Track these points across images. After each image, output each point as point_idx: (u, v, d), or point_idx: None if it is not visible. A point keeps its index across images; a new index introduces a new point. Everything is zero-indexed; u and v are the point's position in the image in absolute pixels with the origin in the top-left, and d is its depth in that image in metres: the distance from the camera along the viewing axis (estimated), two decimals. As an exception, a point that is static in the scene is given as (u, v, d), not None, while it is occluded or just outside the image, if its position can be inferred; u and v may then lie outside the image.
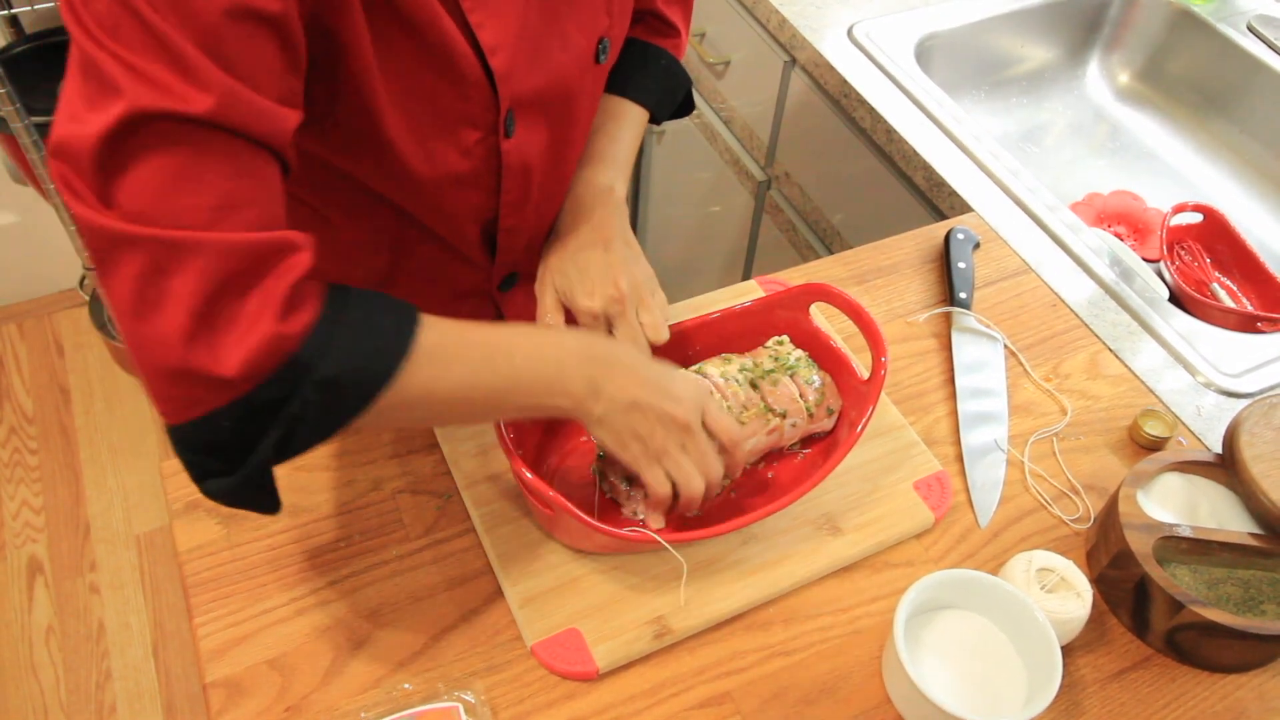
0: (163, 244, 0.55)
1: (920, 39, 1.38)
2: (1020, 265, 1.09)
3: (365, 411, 0.61)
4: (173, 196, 0.55)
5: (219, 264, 0.55)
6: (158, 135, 0.55)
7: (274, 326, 0.57)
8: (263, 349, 0.56)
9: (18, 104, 1.43)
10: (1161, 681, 0.78)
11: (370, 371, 0.61)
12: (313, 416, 0.59)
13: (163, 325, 0.55)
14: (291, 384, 0.58)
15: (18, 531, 1.97)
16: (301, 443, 0.60)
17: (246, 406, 0.58)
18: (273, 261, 0.58)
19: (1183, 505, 0.84)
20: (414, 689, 0.73)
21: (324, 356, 0.59)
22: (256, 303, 0.57)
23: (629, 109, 0.93)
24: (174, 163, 0.55)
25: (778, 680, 0.75)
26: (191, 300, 0.55)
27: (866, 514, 0.84)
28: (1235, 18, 1.42)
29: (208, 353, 0.56)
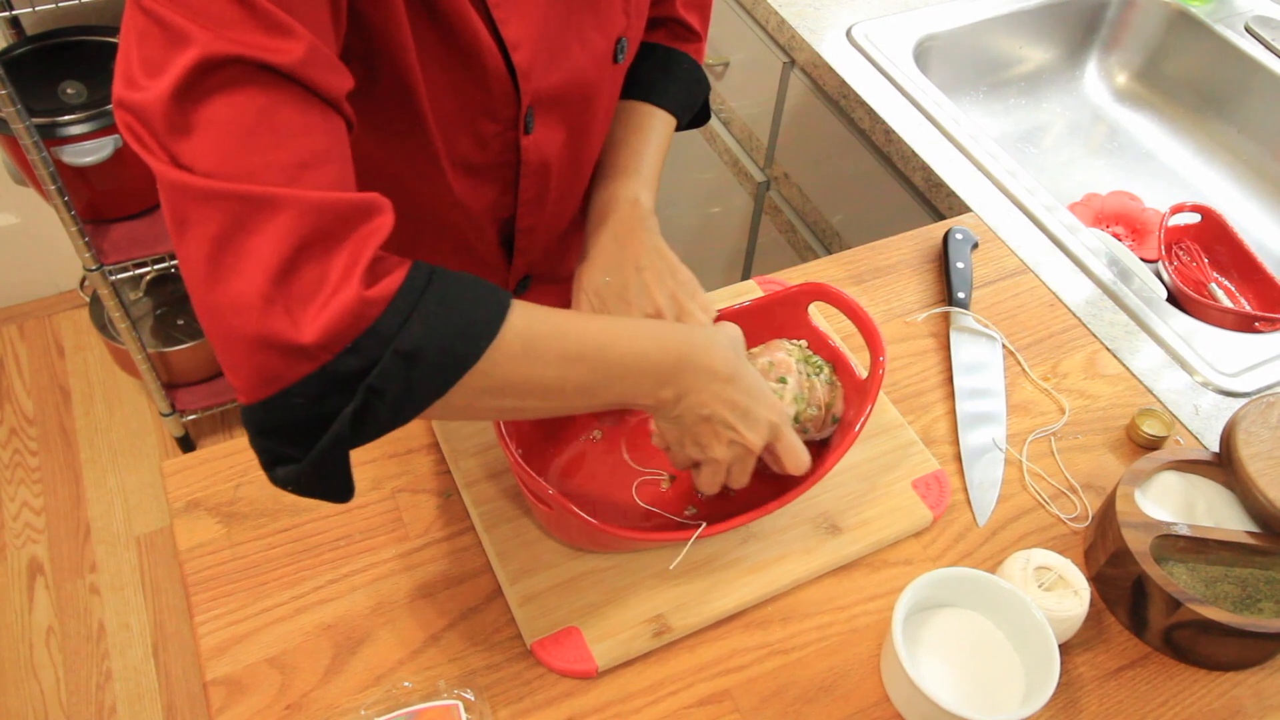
0: (244, 200, 0.52)
1: (919, 40, 1.38)
2: (1018, 265, 1.09)
3: (449, 391, 0.58)
4: (250, 151, 0.53)
5: (302, 223, 0.53)
6: (231, 84, 0.52)
7: (358, 291, 0.53)
8: (345, 314, 0.53)
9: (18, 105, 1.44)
10: (1159, 679, 0.78)
11: (457, 348, 0.57)
12: (393, 391, 0.56)
13: (239, 288, 0.52)
14: (373, 354, 0.54)
15: (18, 532, 1.97)
16: (380, 421, 0.57)
17: (324, 379, 0.54)
18: (356, 223, 0.55)
19: (1180, 504, 0.84)
20: (414, 687, 0.73)
21: (408, 327, 0.55)
22: (341, 266, 0.54)
23: (654, 115, 0.92)
24: (249, 115, 0.53)
25: (776, 678, 0.76)
26: (272, 261, 0.52)
27: (865, 512, 0.84)
28: (1233, 19, 1.43)
29: (286, 318, 0.52)
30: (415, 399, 0.57)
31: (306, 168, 0.54)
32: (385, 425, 0.57)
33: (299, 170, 0.54)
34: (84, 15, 1.83)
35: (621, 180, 0.87)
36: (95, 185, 1.72)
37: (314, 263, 0.53)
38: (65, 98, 1.66)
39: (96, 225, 1.79)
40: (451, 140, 0.75)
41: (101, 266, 1.71)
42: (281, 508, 0.83)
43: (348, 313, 0.53)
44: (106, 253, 1.75)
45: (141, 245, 1.77)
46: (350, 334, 0.54)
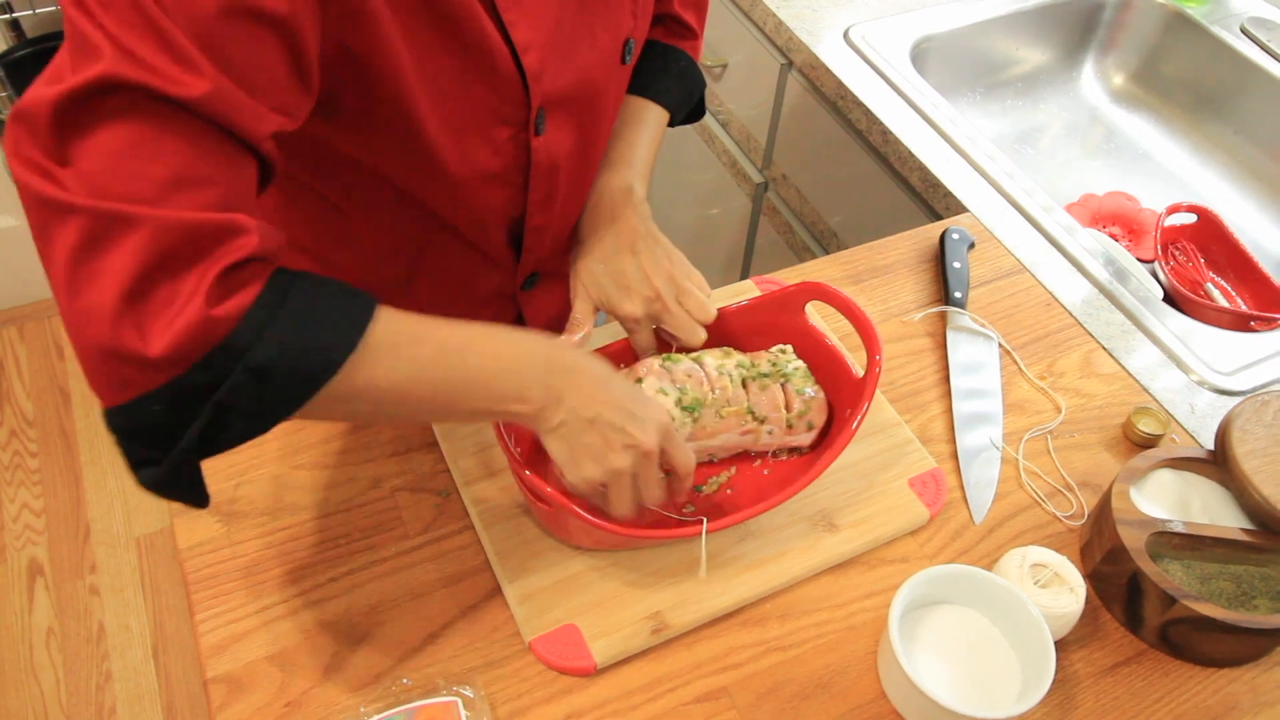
0: (101, 216, 0.53)
1: (916, 41, 1.39)
2: (1015, 265, 1.10)
3: (304, 404, 0.59)
4: (124, 165, 0.53)
5: (156, 241, 0.53)
6: (127, 104, 0.53)
7: (203, 310, 0.54)
8: (190, 331, 0.54)
9: (19, 107, 1.44)
10: (1154, 676, 0.78)
11: (311, 364, 0.58)
12: (245, 406, 0.57)
13: (94, 301, 0.53)
14: (222, 370, 0.55)
15: (18, 534, 1.98)
16: (235, 433, 0.58)
17: (176, 391, 0.55)
18: (213, 243, 0.55)
19: (1175, 501, 0.84)
20: (413, 684, 0.73)
21: (258, 343, 0.56)
22: (189, 285, 0.54)
23: (649, 109, 0.93)
24: (136, 132, 0.53)
25: (774, 675, 0.76)
26: (123, 276, 0.53)
27: (862, 510, 0.84)
28: (1228, 20, 1.43)
29: (135, 332, 0.53)
30: (267, 413, 0.58)
31: (180, 186, 0.54)
32: (238, 438, 0.58)
33: (170, 189, 0.54)
34: (84, 18, 1.83)
35: (614, 170, 0.89)
36: (95, 187, 1.72)
37: (165, 280, 0.54)
38: (65, 100, 1.66)
39: (96, 227, 1.79)
40: (465, 149, 0.75)
41: (101, 268, 1.71)
42: (281, 507, 0.83)
43: (193, 329, 0.54)
44: (106, 254, 1.75)
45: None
46: (197, 350, 0.55)
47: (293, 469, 0.86)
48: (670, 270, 0.85)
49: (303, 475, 0.85)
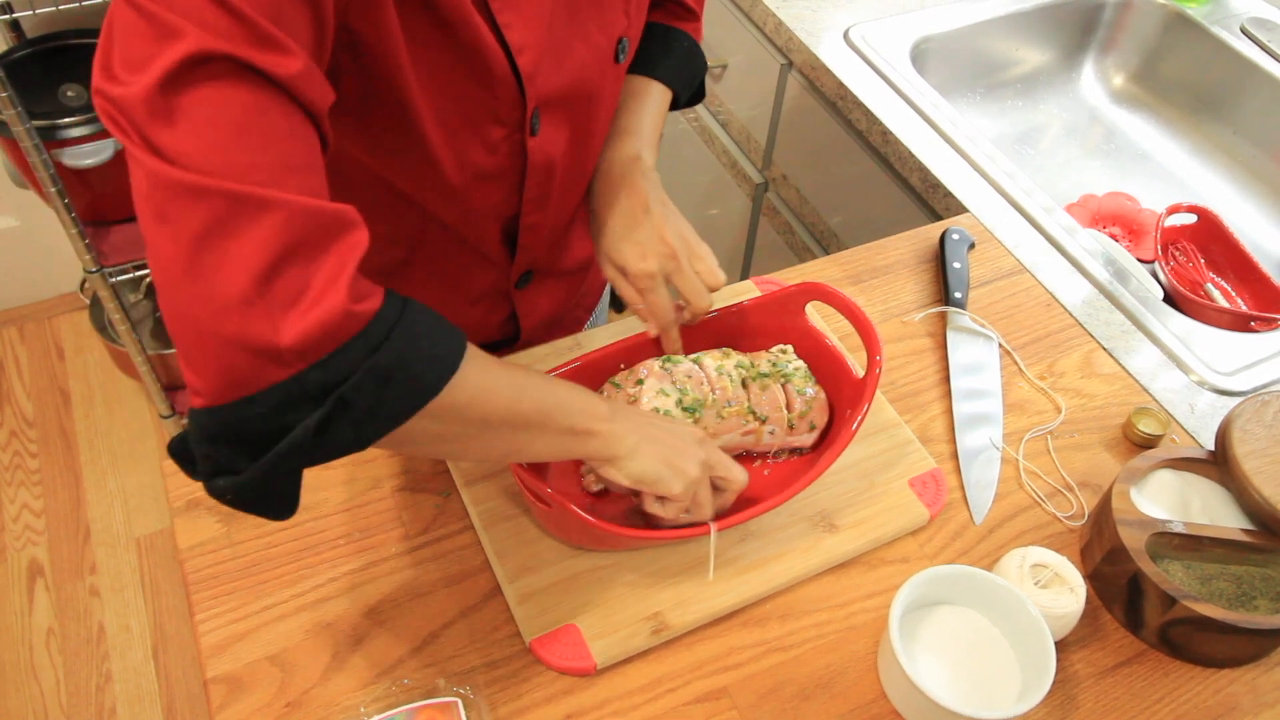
0: (234, 198, 0.51)
1: (916, 42, 1.39)
2: (1015, 265, 1.10)
3: (412, 415, 0.58)
4: (239, 149, 0.51)
5: (290, 226, 0.52)
6: (221, 78, 0.51)
7: (344, 302, 0.53)
8: (328, 323, 0.52)
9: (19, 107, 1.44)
10: (1155, 676, 0.78)
11: (426, 374, 0.58)
12: (361, 407, 0.55)
13: (219, 287, 0.51)
14: (348, 368, 0.54)
15: (18, 534, 1.98)
16: (341, 438, 0.55)
17: (293, 387, 0.53)
18: (340, 233, 0.55)
19: (1175, 502, 0.84)
20: (413, 684, 0.73)
21: (387, 345, 0.55)
22: (325, 274, 0.53)
23: (652, 86, 0.93)
24: (239, 111, 0.52)
25: (774, 675, 0.76)
26: (256, 262, 0.51)
27: (862, 511, 0.84)
28: (1228, 20, 1.43)
29: (266, 320, 0.51)
30: (380, 418, 0.57)
31: (292, 172, 0.53)
32: (345, 443, 0.56)
33: (284, 173, 0.53)
34: (84, 18, 1.84)
35: (622, 140, 0.89)
36: (95, 187, 1.72)
37: (298, 268, 0.52)
38: (65, 100, 1.67)
39: (96, 227, 1.79)
40: (459, 149, 0.75)
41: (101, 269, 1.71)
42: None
43: (331, 322, 0.53)
44: (106, 255, 1.75)
45: (141, 247, 1.78)
46: (329, 344, 0.53)
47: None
48: (681, 229, 0.85)
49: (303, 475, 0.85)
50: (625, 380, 0.83)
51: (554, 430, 0.69)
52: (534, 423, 0.67)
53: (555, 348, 0.96)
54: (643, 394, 0.81)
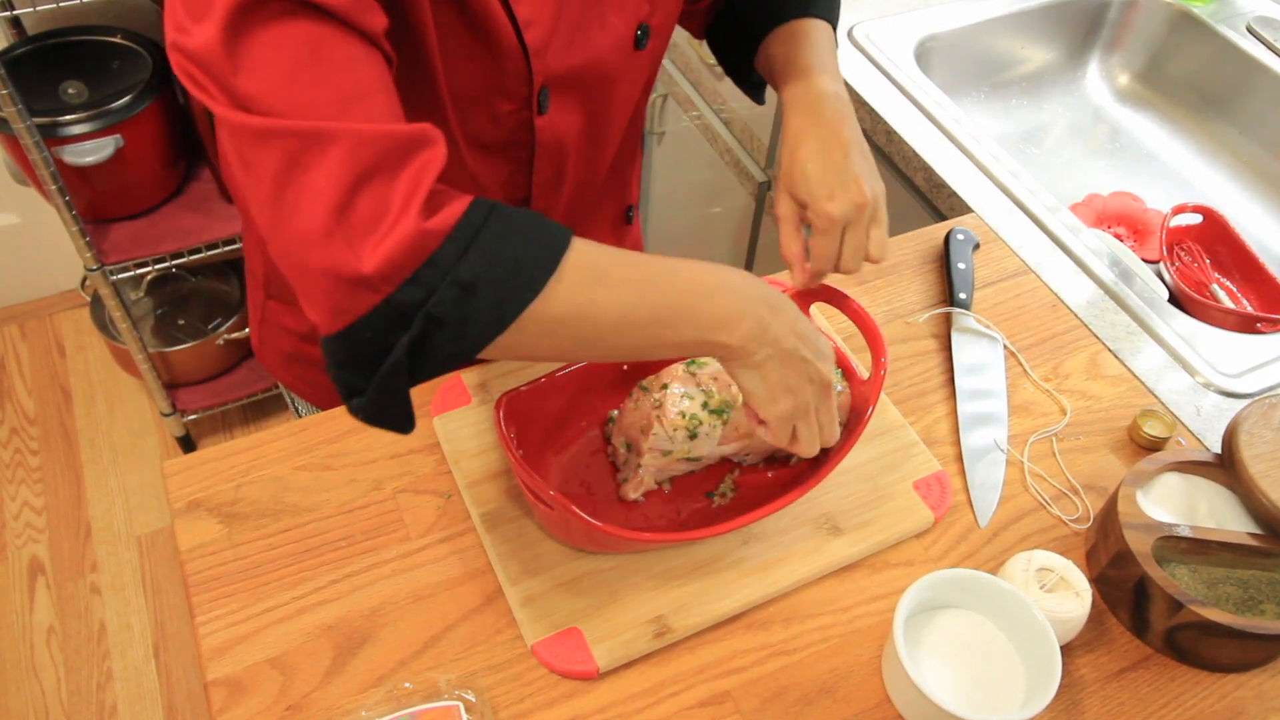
0: (297, 135, 0.53)
1: (920, 40, 1.38)
2: (1020, 266, 1.09)
3: (509, 324, 0.58)
4: (299, 86, 0.54)
5: (356, 155, 0.54)
6: (276, 19, 0.53)
7: (416, 222, 0.54)
8: (404, 245, 0.54)
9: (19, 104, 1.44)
10: (1161, 681, 0.78)
11: (516, 280, 0.58)
12: (452, 322, 0.57)
13: (302, 223, 0.54)
14: (431, 284, 0.55)
15: (19, 532, 1.97)
16: (439, 352, 0.58)
17: (387, 310, 0.56)
18: (411, 154, 0.56)
19: (1182, 505, 0.84)
20: (415, 688, 0.73)
21: (467, 258, 0.56)
22: (399, 197, 0.55)
23: (815, 25, 0.88)
24: (297, 49, 0.54)
25: (777, 679, 0.75)
26: (329, 194, 0.54)
27: (866, 514, 0.84)
28: (1234, 19, 1.43)
29: (348, 250, 0.54)
30: (474, 331, 0.58)
31: (354, 100, 0.55)
32: (446, 357, 0.58)
33: (347, 104, 0.55)
34: (85, 15, 1.83)
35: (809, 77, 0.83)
36: (96, 185, 1.72)
37: (371, 194, 0.54)
38: (66, 97, 1.66)
39: (97, 225, 1.79)
40: (466, 116, 0.75)
41: (102, 266, 1.71)
42: (283, 508, 0.83)
43: (407, 243, 0.54)
44: (107, 252, 1.75)
45: (142, 245, 1.77)
46: (410, 264, 0.55)
47: (294, 470, 0.85)
48: (876, 189, 0.79)
49: (304, 477, 0.85)
50: (652, 384, 0.83)
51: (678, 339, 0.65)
52: (654, 328, 0.64)
53: (558, 348, 0.95)
54: (668, 398, 0.80)
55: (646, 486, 0.83)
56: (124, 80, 1.70)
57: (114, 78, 1.70)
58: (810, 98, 0.82)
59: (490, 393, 0.90)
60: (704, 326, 0.65)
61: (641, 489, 0.83)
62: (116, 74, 1.71)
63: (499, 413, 0.77)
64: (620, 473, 0.84)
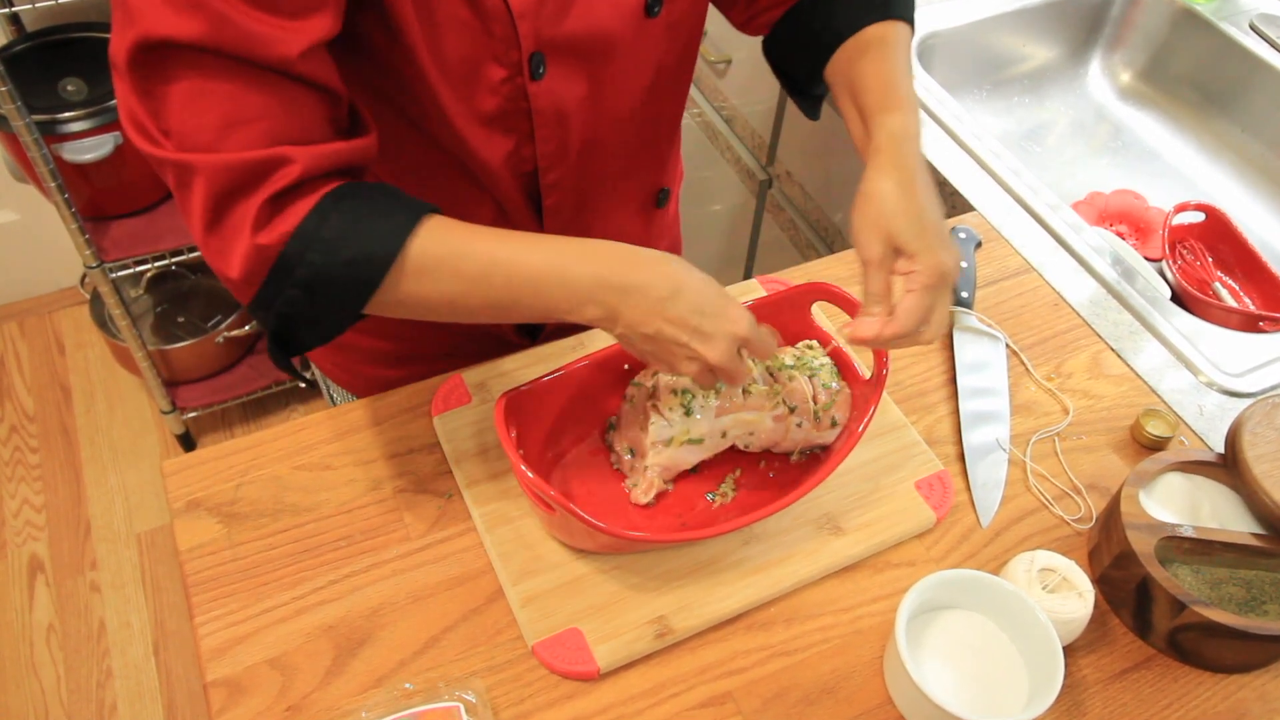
0: (177, 165, 0.62)
1: (922, 38, 1.37)
2: (1022, 265, 1.09)
3: (356, 312, 0.67)
4: (187, 117, 0.62)
5: (212, 182, 0.62)
6: (169, 60, 0.60)
7: (250, 239, 0.63)
8: (249, 258, 0.64)
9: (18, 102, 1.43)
10: (1164, 682, 0.78)
11: (351, 276, 0.65)
12: (303, 316, 0.66)
13: (194, 233, 0.65)
14: (278, 287, 0.65)
15: (18, 530, 1.97)
16: (301, 337, 0.68)
17: (257, 304, 0.66)
18: (260, 177, 0.63)
19: (1185, 505, 0.83)
20: (415, 688, 0.73)
21: (303, 263, 0.64)
22: (239, 218, 0.63)
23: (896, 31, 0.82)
24: (185, 85, 0.61)
25: (779, 680, 0.75)
26: (200, 214, 0.63)
27: (868, 514, 0.84)
28: (1237, 16, 1.42)
29: (221, 258, 0.65)
30: (325, 321, 0.68)
31: (230, 129, 0.62)
32: (309, 340, 0.69)
33: (223, 133, 0.62)
34: (84, 12, 1.83)
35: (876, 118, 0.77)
36: (95, 182, 1.72)
37: (230, 214, 0.63)
38: (65, 94, 1.66)
39: (97, 222, 1.78)
40: (461, 93, 0.75)
41: (102, 264, 1.71)
42: (282, 508, 0.82)
43: (251, 256, 0.64)
44: (107, 250, 1.74)
45: (142, 242, 1.77)
46: (260, 272, 0.65)
47: (293, 470, 0.85)
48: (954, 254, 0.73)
49: (303, 476, 0.84)
50: (644, 377, 0.83)
51: (527, 317, 0.71)
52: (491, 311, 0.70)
53: (558, 346, 0.95)
54: (660, 381, 0.80)
55: (656, 488, 0.82)
56: (123, 77, 1.69)
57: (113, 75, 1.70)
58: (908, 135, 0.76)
59: (490, 393, 0.90)
60: (544, 313, 0.70)
61: (652, 491, 0.82)
62: (116, 71, 1.71)
63: (499, 412, 0.77)
64: (629, 478, 0.84)
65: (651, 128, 0.91)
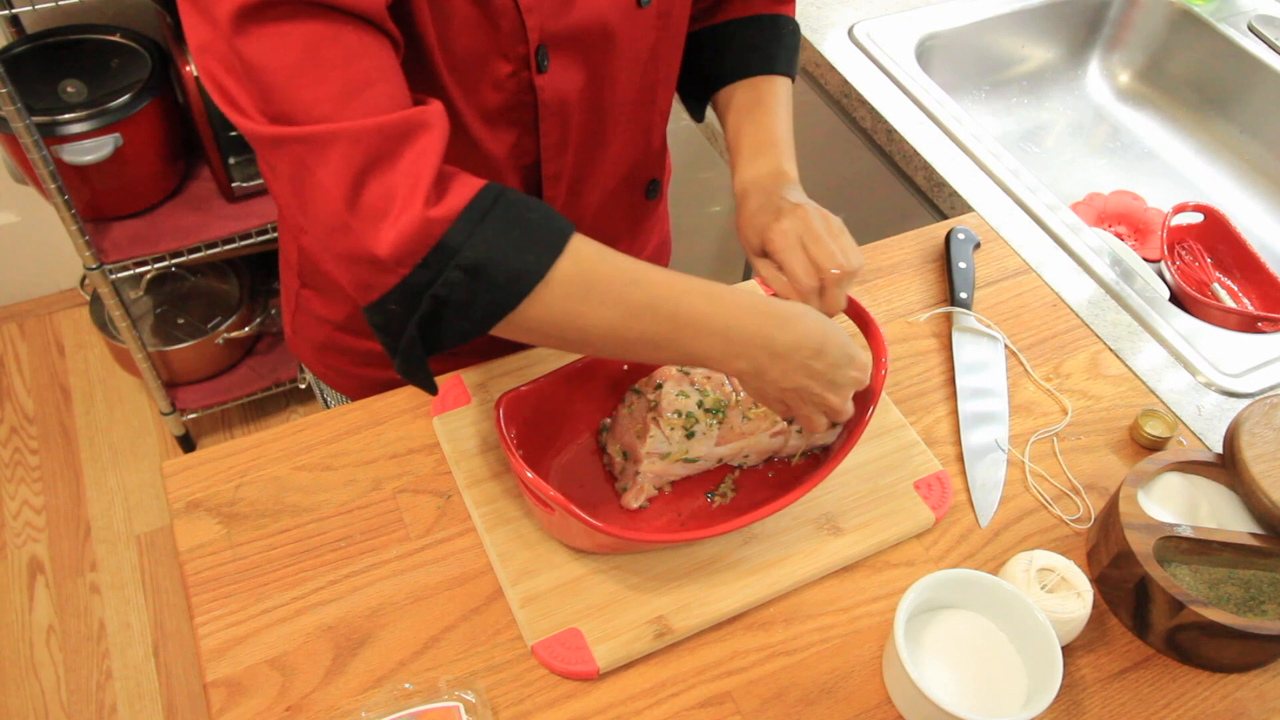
0: (300, 141, 0.59)
1: (921, 39, 1.38)
2: (1021, 265, 1.09)
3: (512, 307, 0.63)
4: (299, 89, 0.58)
5: (353, 151, 0.59)
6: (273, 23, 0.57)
7: (421, 210, 0.59)
8: (412, 230, 0.60)
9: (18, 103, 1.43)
10: (1162, 681, 0.78)
11: (518, 266, 0.62)
12: (457, 302, 0.62)
13: (322, 216, 0.61)
14: (439, 266, 0.61)
15: (18, 531, 1.97)
16: (450, 329, 0.64)
17: (404, 290, 0.62)
18: (406, 141, 0.60)
19: (1183, 505, 0.84)
20: (415, 688, 0.73)
21: (472, 242, 0.61)
22: (404, 185, 0.60)
23: (778, 84, 0.92)
24: (292, 52, 0.58)
25: (778, 680, 0.75)
26: (337, 190, 0.59)
27: (867, 514, 0.84)
28: (1236, 18, 1.42)
29: (363, 236, 0.60)
30: (478, 311, 0.63)
31: (353, 95, 0.59)
32: (457, 332, 0.64)
33: (345, 100, 0.59)
34: (84, 14, 1.83)
35: (762, 156, 0.88)
36: (95, 184, 1.72)
37: (375, 184, 0.59)
38: (65, 96, 1.66)
39: (97, 224, 1.79)
40: (468, 87, 0.75)
41: (102, 265, 1.71)
42: (282, 508, 0.83)
43: (415, 229, 0.60)
44: (107, 251, 1.75)
45: (142, 244, 1.77)
46: (420, 249, 0.60)
47: (293, 470, 0.85)
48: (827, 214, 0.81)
49: (303, 477, 0.85)
50: (645, 386, 0.83)
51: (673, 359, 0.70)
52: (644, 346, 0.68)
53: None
54: (662, 398, 0.80)
55: (647, 494, 0.83)
56: (123, 79, 1.69)
57: (113, 76, 1.70)
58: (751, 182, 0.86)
59: (490, 393, 0.90)
60: (695, 358, 0.69)
61: (642, 497, 0.82)
62: (116, 73, 1.71)
63: (499, 413, 0.77)
64: (619, 481, 0.84)
65: (645, 118, 0.92)
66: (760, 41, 0.92)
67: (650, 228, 1.06)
